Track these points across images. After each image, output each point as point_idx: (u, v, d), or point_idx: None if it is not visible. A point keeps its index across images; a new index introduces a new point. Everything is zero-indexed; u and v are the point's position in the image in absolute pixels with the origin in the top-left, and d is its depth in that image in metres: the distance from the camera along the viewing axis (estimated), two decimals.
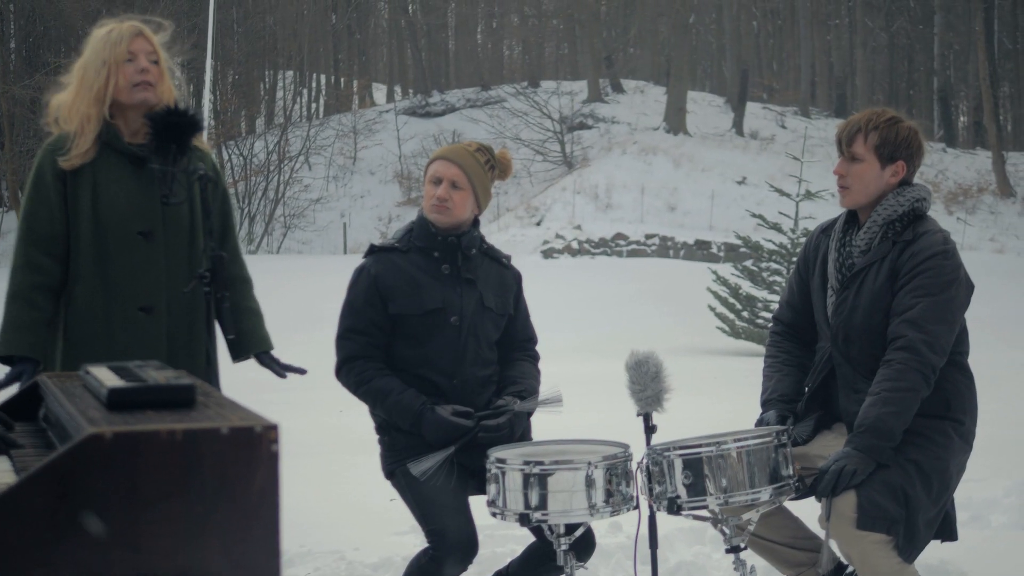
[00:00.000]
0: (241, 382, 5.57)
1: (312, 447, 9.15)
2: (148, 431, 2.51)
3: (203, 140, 4.32)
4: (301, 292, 21.63)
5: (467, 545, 4.18)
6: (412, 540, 6.16)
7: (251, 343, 4.49)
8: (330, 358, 4.50)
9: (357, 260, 4.62)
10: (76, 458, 2.46)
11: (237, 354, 4.47)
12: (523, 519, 3.88)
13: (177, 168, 4.04)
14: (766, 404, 4.39)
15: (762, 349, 18.59)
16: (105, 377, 2.95)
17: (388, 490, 5.17)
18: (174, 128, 4.02)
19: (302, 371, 4.51)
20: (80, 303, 4.24)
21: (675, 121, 44.09)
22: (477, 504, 4.31)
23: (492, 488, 3.95)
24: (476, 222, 4.55)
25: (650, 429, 4.14)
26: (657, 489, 4.00)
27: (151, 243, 4.26)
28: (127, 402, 2.75)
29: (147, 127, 4.08)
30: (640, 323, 20.96)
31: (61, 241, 4.24)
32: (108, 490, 2.48)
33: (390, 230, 40.03)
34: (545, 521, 3.88)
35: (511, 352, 4.59)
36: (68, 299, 4.25)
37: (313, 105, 54.87)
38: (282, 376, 4.46)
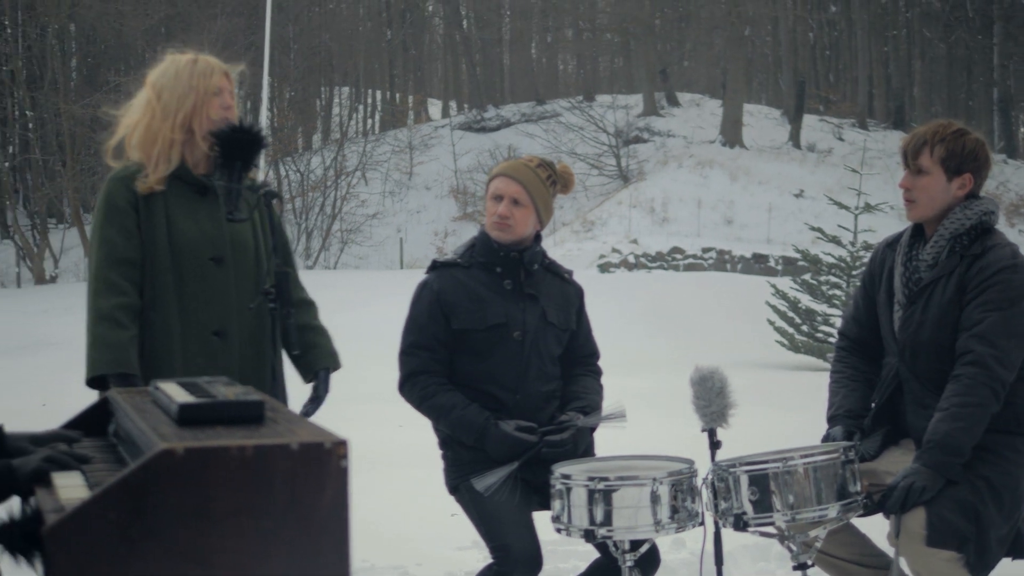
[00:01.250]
0: (300, 397, 5.59)
1: (372, 462, 9.17)
2: (219, 447, 2.52)
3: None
4: (358, 307, 21.71)
5: (531, 561, 4.17)
6: (474, 555, 6.16)
7: (317, 357, 4.51)
8: (387, 372, 4.52)
9: (413, 275, 4.64)
10: (148, 473, 2.47)
11: (307, 372, 4.48)
12: (588, 535, 3.87)
13: (242, 185, 4.06)
14: (832, 420, 4.35)
15: (822, 363, 18.47)
16: (175, 393, 2.97)
17: (450, 505, 5.17)
18: (239, 145, 4.04)
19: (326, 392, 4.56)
20: (157, 328, 4.27)
21: (731, 134, 43.91)
22: (540, 520, 4.30)
23: (557, 504, 3.94)
24: (538, 237, 4.55)
25: (715, 445, 4.12)
26: (723, 505, 3.98)
27: (222, 268, 4.30)
28: (197, 418, 2.76)
29: (212, 143, 4.10)
30: (698, 337, 20.87)
31: (136, 266, 4.27)
32: (179, 505, 2.49)
33: (446, 245, 40.12)
34: (610, 537, 3.87)
35: (574, 367, 4.58)
36: (145, 322, 4.28)
37: (369, 121, 55.10)
38: (325, 392, 4.49)
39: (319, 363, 4.48)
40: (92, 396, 4.24)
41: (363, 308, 20.91)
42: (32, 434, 3.12)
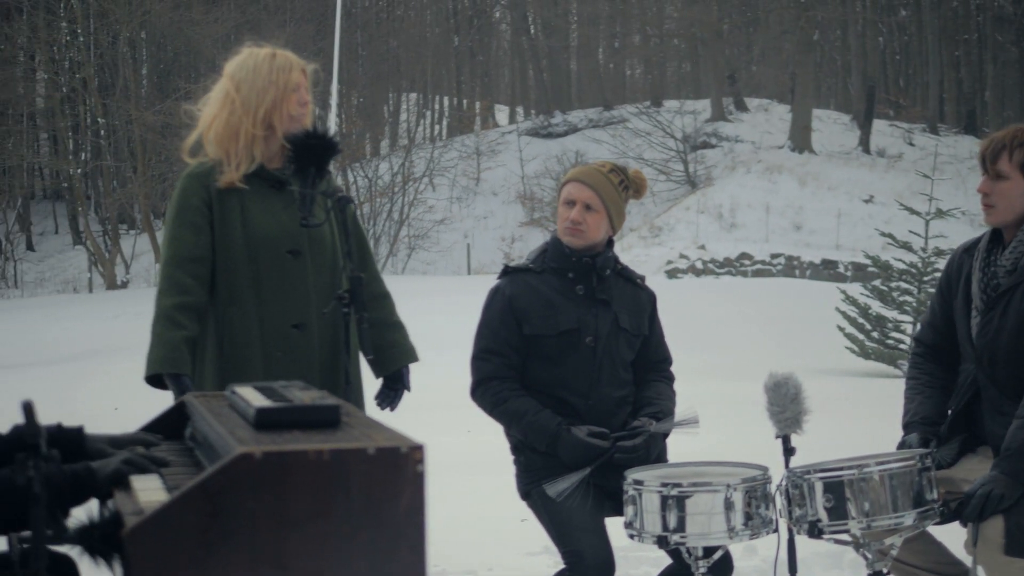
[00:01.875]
0: (367, 401, 5.61)
1: (441, 466, 9.15)
2: (296, 451, 2.53)
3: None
4: (425, 313, 21.76)
5: (604, 566, 4.15)
6: (545, 560, 6.15)
7: (396, 356, 4.53)
8: (455, 378, 4.53)
9: (480, 281, 4.66)
10: (226, 477, 2.49)
11: (381, 368, 4.51)
12: (661, 541, 3.85)
13: (316, 190, 4.07)
14: (908, 427, 4.30)
15: (893, 370, 18.30)
16: (252, 397, 2.99)
17: (520, 510, 5.17)
18: (313, 150, 4.06)
19: (408, 388, 4.60)
20: (236, 323, 4.30)
21: (800, 139, 43.64)
22: (612, 525, 4.29)
23: (629, 510, 3.93)
24: (610, 243, 4.54)
25: (789, 451, 4.09)
26: (797, 512, 3.94)
27: (299, 261, 4.33)
28: (274, 422, 2.78)
29: (287, 149, 4.12)
30: (767, 343, 20.75)
31: (205, 263, 4.31)
32: (257, 509, 2.51)
33: (513, 250, 40.17)
34: (684, 544, 3.85)
35: (646, 373, 4.56)
36: (224, 319, 4.32)
37: (436, 127, 55.27)
38: (407, 388, 4.52)
39: (398, 361, 4.51)
40: (163, 401, 4.30)
41: (430, 314, 20.96)
42: (111, 436, 3.15)
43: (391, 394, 4.57)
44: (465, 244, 40.10)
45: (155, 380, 4.26)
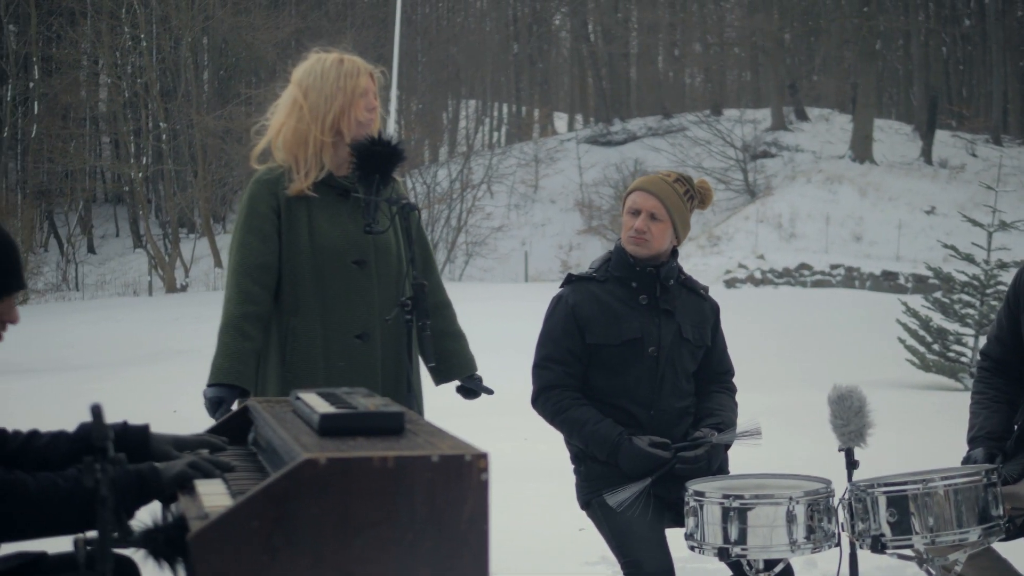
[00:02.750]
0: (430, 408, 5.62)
1: (499, 474, 9.15)
2: (361, 457, 2.53)
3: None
4: (482, 320, 21.78)
5: None
6: (603, 570, 6.13)
7: (455, 367, 4.54)
8: (512, 385, 4.51)
9: (538, 288, 4.65)
10: (291, 483, 2.50)
11: (441, 377, 4.51)
12: (722, 553, 3.83)
13: (380, 197, 4.08)
14: (973, 441, 4.26)
15: (954, 383, 18.11)
16: (315, 403, 2.99)
17: (578, 519, 5.16)
18: (378, 157, 4.06)
19: (490, 391, 4.56)
20: (300, 332, 4.30)
21: (861, 149, 43.35)
22: (672, 536, 4.27)
23: (690, 521, 3.91)
24: (675, 253, 4.52)
25: (852, 464, 4.05)
26: (860, 526, 3.91)
27: (365, 271, 4.32)
28: (338, 428, 2.78)
29: (352, 157, 4.13)
30: (827, 355, 20.60)
31: (272, 271, 4.31)
32: (321, 515, 2.51)
33: (571, 258, 40.13)
34: (745, 556, 3.82)
35: (708, 384, 4.54)
36: (287, 328, 4.31)
37: (495, 134, 55.34)
38: (489, 392, 4.50)
39: (457, 372, 4.52)
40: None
41: (487, 321, 20.97)
42: (176, 437, 3.17)
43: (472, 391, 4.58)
44: (523, 251, 40.10)
45: (216, 386, 4.26)
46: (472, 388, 4.57)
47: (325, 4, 47.64)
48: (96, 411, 2.38)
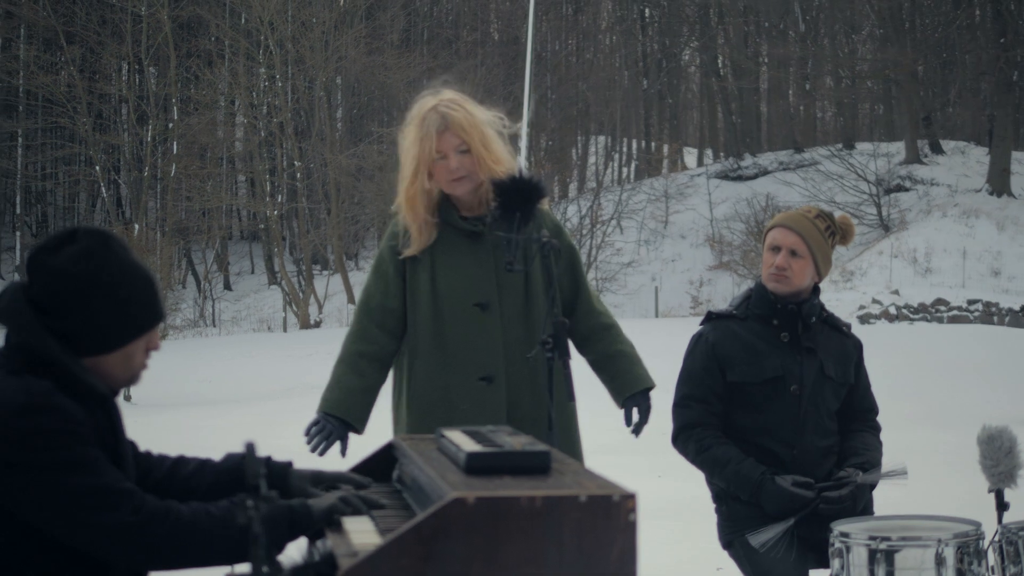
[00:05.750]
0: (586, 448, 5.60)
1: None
2: (509, 497, 2.53)
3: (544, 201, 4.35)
4: None
5: None
6: None
7: (627, 384, 4.37)
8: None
9: (668, 324, 4.61)
10: (439, 521, 2.50)
11: (617, 398, 4.40)
12: None
13: (521, 235, 4.08)
14: None
15: None
16: (461, 441, 3.00)
17: (716, 558, 5.10)
18: (518, 196, 4.08)
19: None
20: (421, 376, 4.34)
21: (999, 182, 42.49)
22: None
23: (835, 563, 3.84)
24: (816, 289, 4.46)
25: (1002, 506, 3.96)
26: (1012, 570, 3.82)
27: (488, 314, 4.31)
28: (485, 467, 2.78)
29: (493, 194, 4.15)
30: (968, 392, 20.18)
31: (394, 315, 4.36)
32: (469, 554, 2.51)
33: (701, 294, 39.89)
34: None
35: (852, 422, 4.47)
36: (411, 371, 4.36)
37: (624, 169, 55.32)
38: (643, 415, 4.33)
39: (629, 388, 4.35)
40: (355, 442, 4.40)
41: None
42: (315, 472, 3.20)
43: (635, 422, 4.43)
44: (653, 287, 39.96)
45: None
46: (628, 413, 4.38)
47: (456, 43, 48.13)
48: (250, 448, 2.41)
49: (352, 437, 4.40)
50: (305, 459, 3.71)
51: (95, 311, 2.80)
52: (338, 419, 4.31)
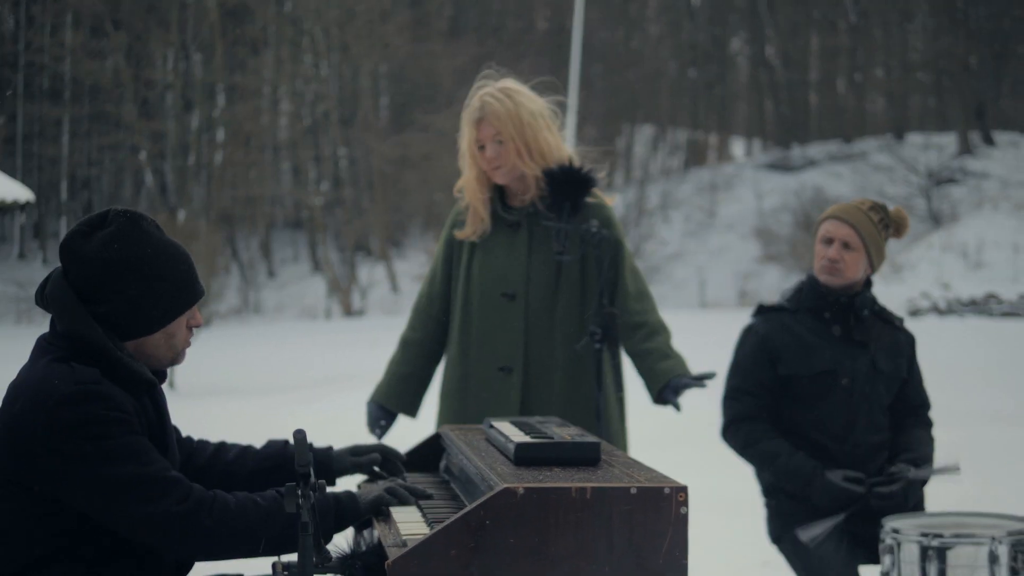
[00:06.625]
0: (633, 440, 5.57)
1: None
2: (558, 488, 2.52)
3: (598, 192, 4.31)
4: None
5: None
6: None
7: (654, 379, 4.20)
8: (690, 413, 4.40)
9: (714, 315, 4.57)
10: (488, 511, 2.49)
11: (650, 394, 4.30)
12: None
13: (571, 225, 4.06)
14: None
15: None
16: (510, 432, 2.98)
17: (763, 553, 5.05)
18: (568, 186, 4.05)
19: (711, 375, 4.21)
20: (450, 363, 4.41)
21: None
22: (866, 574, 4.16)
23: (886, 559, 3.80)
24: (869, 282, 4.41)
25: None
26: None
27: (513, 304, 4.30)
28: (534, 458, 2.77)
29: (543, 184, 4.13)
30: (1019, 389, 20.00)
31: (437, 301, 4.44)
32: (518, 545, 2.50)
33: (748, 286, 39.71)
34: None
35: (904, 417, 4.42)
36: (445, 360, 4.45)
37: (671, 160, 55.15)
38: (702, 385, 4.12)
39: (660, 381, 4.19)
40: (395, 428, 4.48)
41: None
42: (353, 446, 3.22)
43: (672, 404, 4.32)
44: (698, 278, 39.82)
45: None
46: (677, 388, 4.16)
47: (503, 31, 48.07)
48: (299, 437, 2.40)
49: (404, 426, 4.46)
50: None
51: (133, 294, 2.79)
52: (377, 404, 4.42)
